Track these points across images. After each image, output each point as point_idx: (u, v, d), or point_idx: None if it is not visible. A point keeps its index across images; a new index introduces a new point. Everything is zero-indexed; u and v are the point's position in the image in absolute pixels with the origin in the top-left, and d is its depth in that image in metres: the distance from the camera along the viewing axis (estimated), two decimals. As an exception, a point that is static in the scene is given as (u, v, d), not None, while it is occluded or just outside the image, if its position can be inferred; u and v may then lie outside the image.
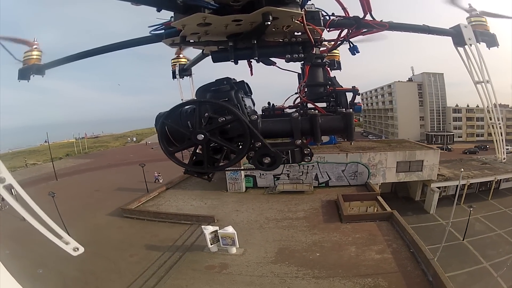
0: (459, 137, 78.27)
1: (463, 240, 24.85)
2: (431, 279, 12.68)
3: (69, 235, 2.67)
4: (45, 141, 44.62)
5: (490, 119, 2.97)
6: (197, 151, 2.15)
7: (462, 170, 24.55)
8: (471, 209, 24.79)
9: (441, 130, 79.48)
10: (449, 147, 67.08)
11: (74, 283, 14.85)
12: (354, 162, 27.98)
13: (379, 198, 22.76)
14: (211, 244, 15.49)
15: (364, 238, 16.76)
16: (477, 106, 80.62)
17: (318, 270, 14.04)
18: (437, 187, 31.44)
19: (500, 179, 36.35)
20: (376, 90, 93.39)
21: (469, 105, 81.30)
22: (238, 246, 15.50)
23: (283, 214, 21.05)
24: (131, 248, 17.68)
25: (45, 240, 2.50)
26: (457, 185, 23.47)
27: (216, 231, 15.30)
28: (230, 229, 15.18)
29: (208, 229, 15.21)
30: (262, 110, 2.82)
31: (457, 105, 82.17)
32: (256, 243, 16.91)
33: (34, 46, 3.11)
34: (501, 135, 3.03)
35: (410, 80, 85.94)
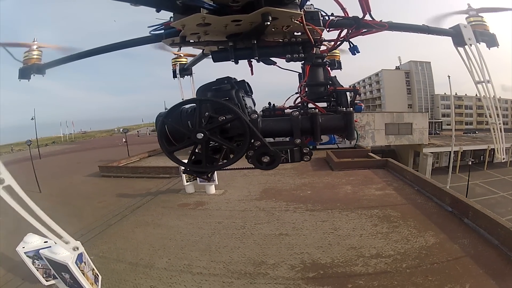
0: (447, 124, 78.40)
1: (465, 200, 23.97)
2: (450, 209, 10.37)
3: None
4: (32, 118, 42.36)
5: (490, 116, 2.86)
6: (196, 150, 2.04)
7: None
8: (470, 163, 23.97)
9: (430, 117, 79.56)
10: (438, 132, 67.17)
11: (29, 226, 13.08)
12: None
13: (371, 154, 21.51)
14: (187, 182, 13.85)
15: (359, 180, 15.20)
16: (465, 94, 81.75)
17: (311, 204, 12.23)
18: (430, 152, 30.54)
19: (494, 150, 35.81)
20: (363, 80, 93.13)
21: (457, 93, 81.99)
22: (217, 183, 14.00)
23: (269, 167, 19.47)
24: (101, 197, 15.89)
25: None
26: (450, 151, 22.49)
27: (194, 164, 13.64)
28: (209, 161, 13.59)
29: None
30: (262, 110, 2.56)
31: (445, 93, 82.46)
32: (239, 186, 15.30)
33: (34, 46, 2.98)
34: (501, 135, 2.90)
35: (397, 68, 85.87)
